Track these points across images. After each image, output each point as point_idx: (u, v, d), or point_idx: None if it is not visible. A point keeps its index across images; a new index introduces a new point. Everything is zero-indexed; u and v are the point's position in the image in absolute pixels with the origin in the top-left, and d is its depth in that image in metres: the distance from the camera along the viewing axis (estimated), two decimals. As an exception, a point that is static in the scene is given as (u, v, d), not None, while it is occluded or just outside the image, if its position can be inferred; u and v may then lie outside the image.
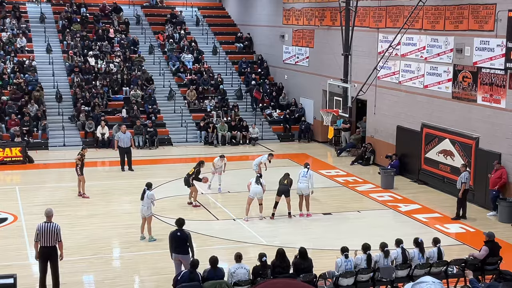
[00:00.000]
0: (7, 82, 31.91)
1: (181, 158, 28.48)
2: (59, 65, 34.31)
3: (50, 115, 30.88)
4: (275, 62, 36.61)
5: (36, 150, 28.16)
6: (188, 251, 13.90)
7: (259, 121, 33.10)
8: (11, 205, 20.40)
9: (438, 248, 13.95)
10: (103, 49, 35.68)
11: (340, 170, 26.41)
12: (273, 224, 19.12)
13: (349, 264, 13.11)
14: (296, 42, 34.14)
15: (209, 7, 42.59)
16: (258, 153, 29.88)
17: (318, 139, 32.30)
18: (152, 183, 17.85)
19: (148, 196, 17.16)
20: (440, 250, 13.94)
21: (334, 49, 29.35)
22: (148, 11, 40.58)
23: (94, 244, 17.05)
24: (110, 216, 19.66)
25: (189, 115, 32.85)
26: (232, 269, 12.54)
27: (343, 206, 21.25)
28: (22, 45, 34.88)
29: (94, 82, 33.02)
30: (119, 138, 25.66)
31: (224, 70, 36.73)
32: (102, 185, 23.45)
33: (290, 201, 19.49)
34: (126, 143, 25.60)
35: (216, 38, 39.41)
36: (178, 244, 13.93)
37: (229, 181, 23.75)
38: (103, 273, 15.19)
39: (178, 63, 36.04)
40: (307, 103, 33.25)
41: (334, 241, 16.74)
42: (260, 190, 19.16)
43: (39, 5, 38.49)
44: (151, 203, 17.24)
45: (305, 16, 33.20)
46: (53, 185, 23.53)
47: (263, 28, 37.82)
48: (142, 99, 32.63)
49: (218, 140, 31.19)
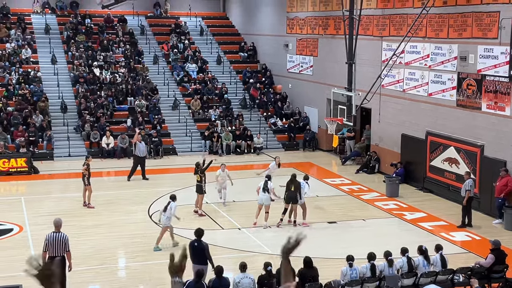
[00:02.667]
0: (13, 93, 32.04)
1: (186, 168, 28.45)
2: (64, 76, 34.43)
3: (55, 126, 30.97)
4: (279, 71, 36.67)
5: (42, 161, 28.23)
6: (206, 261, 13.91)
7: (264, 130, 33.12)
8: (16, 215, 20.43)
9: (441, 254, 13.93)
10: (107, 60, 35.81)
11: (345, 179, 26.40)
12: (278, 233, 19.09)
13: (354, 273, 13.09)
14: (300, 51, 34.20)
15: (213, 17, 42.72)
16: (262, 162, 29.91)
17: (322, 148, 32.30)
18: (176, 195, 17.83)
19: (172, 207, 17.11)
20: (443, 256, 13.92)
21: (338, 58, 29.39)
22: (152, 22, 40.73)
23: (100, 254, 17.06)
24: (115, 226, 19.67)
25: (193, 124, 32.90)
26: (237, 279, 12.53)
27: (348, 215, 21.23)
28: (27, 56, 35.04)
29: (99, 93, 33.13)
30: (137, 147, 25.62)
31: (229, 79, 36.80)
32: (107, 195, 23.48)
33: (296, 209, 19.46)
34: (143, 152, 25.68)
35: (220, 48, 39.51)
36: (196, 254, 13.94)
37: (234, 190, 23.73)
38: (109, 283, 15.20)
39: (182, 72, 36.13)
40: (312, 112, 33.27)
41: (339, 250, 16.71)
42: (267, 197, 19.13)
43: (44, 16, 38.67)
44: (172, 214, 17.18)
45: (308, 25, 33.27)
46: (59, 195, 23.55)
47: (267, 37, 37.91)
48: (146, 109, 32.71)
49: (222, 150, 31.22)
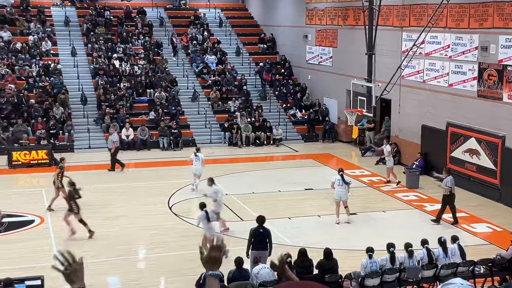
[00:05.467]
0: (33, 86, 32.26)
1: (205, 160, 28.49)
2: (84, 68, 34.60)
3: (75, 118, 31.14)
4: (298, 62, 36.54)
5: (62, 153, 28.38)
6: (267, 247, 14.10)
7: (283, 121, 33.06)
8: (37, 207, 20.59)
9: (458, 244, 13.84)
10: (127, 52, 35.91)
11: (365, 170, 26.28)
12: (298, 225, 19.07)
13: (374, 265, 13.03)
14: (319, 42, 34.04)
15: (232, 8, 42.65)
16: (282, 154, 29.92)
17: (342, 139, 32.17)
18: (205, 203, 16.80)
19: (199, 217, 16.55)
20: (461, 246, 13.83)
21: (357, 49, 29.20)
22: (171, 13, 40.75)
23: (119, 245, 17.14)
24: (135, 218, 19.74)
25: (213, 116, 32.92)
26: (256, 269, 12.54)
27: (368, 206, 21.14)
28: (47, 48, 35.24)
29: (119, 85, 33.25)
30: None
31: (248, 71, 36.75)
32: (127, 187, 23.59)
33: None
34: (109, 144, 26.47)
35: (239, 39, 39.44)
36: (259, 240, 14.21)
37: (253, 181, 23.77)
38: (128, 274, 15.27)
39: (201, 64, 36.14)
40: (331, 103, 33.13)
41: (359, 241, 16.65)
42: (344, 192, 18.85)
43: (64, 8, 38.84)
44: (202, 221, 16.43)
45: (328, 16, 33.09)
46: (79, 187, 23.64)
47: (286, 28, 37.78)
48: (166, 100, 32.78)
49: (242, 141, 31.21)
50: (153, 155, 28.93)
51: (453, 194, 19.12)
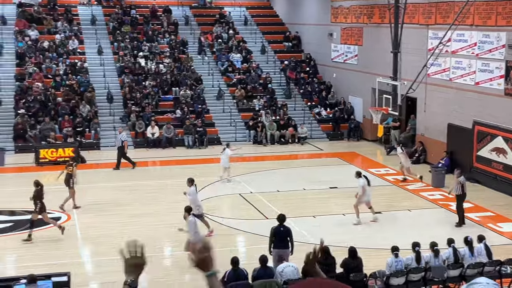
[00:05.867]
0: (60, 84, 32.60)
1: (231, 158, 28.55)
2: (110, 66, 34.87)
3: (102, 116, 31.41)
4: (323, 61, 36.44)
5: (88, 150, 28.67)
6: (288, 245, 14.17)
7: (308, 120, 33.01)
8: (66, 204, 20.75)
9: (485, 244, 13.72)
10: (152, 50, 36.11)
11: (390, 169, 26.13)
12: (322, 223, 19.04)
13: (399, 264, 12.98)
14: (345, 40, 33.93)
15: (257, 7, 42.65)
16: (306, 152, 29.90)
17: (367, 138, 32.03)
18: (191, 207, 16.62)
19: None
20: (487, 246, 13.71)
21: (383, 47, 29.05)
22: (196, 12, 40.88)
23: (145, 243, 17.23)
24: (160, 215, 19.86)
25: (238, 114, 32.98)
26: (281, 268, 12.56)
27: (393, 205, 21.04)
28: (74, 47, 35.57)
29: (144, 83, 33.45)
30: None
31: (273, 69, 36.75)
32: (153, 185, 23.74)
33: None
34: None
35: (265, 38, 39.45)
36: (280, 238, 14.26)
37: (278, 180, 23.79)
38: (154, 272, 15.37)
39: (226, 62, 36.22)
40: (356, 102, 33.00)
41: (384, 240, 16.58)
42: (371, 193, 18.94)
43: (90, 7, 39.18)
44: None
45: (353, 13, 32.96)
46: (105, 184, 23.91)
47: (311, 26, 37.70)
48: (191, 99, 32.92)
49: (267, 139, 31.22)
50: (178, 153, 29.07)
51: (464, 193, 18.90)
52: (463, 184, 18.78)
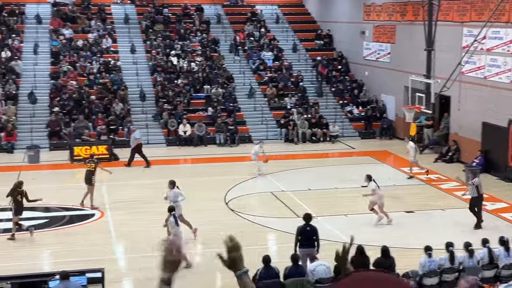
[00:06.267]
0: (94, 82, 32.95)
1: (261, 156, 28.56)
2: (143, 65, 35.14)
3: (134, 114, 31.66)
4: (355, 59, 36.24)
5: (121, 148, 28.89)
6: (314, 245, 14.16)
7: (340, 118, 32.87)
8: (98, 201, 20.98)
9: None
10: (184, 48, 36.29)
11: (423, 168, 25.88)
12: (354, 222, 18.93)
13: (433, 264, 12.85)
14: (377, 38, 33.69)
15: (289, 5, 42.57)
16: (338, 151, 29.78)
17: (400, 136, 31.76)
18: (173, 207, 16.42)
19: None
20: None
21: (416, 45, 28.79)
22: (228, 10, 40.96)
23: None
24: (191, 213, 19.89)
25: (269, 112, 32.98)
26: (312, 266, 12.53)
27: (426, 204, 20.84)
28: (107, 45, 35.92)
29: (176, 81, 33.64)
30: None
31: (304, 67, 36.66)
32: (184, 182, 23.82)
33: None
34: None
35: (296, 36, 39.36)
36: (306, 238, 14.23)
37: (310, 178, 23.73)
38: (185, 269, 15.43)
39: (258, 61, 36.23)
40: (389, 100, 32.76)
41: (417, 239, 16.43)
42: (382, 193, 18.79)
43: (124, 6, 39.52)
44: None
45: (386, 11, 32.72)
46: (137, 182, 24.07)
47: (343, 24, 37.52)
48: (223, 97, 33.01)
49: (298, 138, 31.17)
50: (210, 151, 29.18)
51: (481, 195, 18.50)
52: (478, 185, 18.33)
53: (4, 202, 20.75)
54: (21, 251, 16.63)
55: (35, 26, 36.73)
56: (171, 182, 17.73)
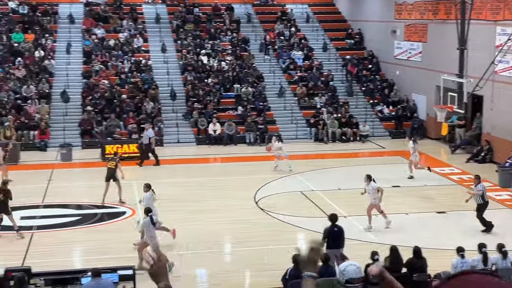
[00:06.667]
0: (125, 81, 33.23)
1: (291, 155, 28.52)
2: (173, 64, 35.33)
3: (165, 113, 31.85)
4: (386, 58, 36.00)
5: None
6: (341, 245, 14.15)
7: (370, 117, 32.68)
8: (128, 199, 21.14)
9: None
10: (215, 48, 36.40)
11: (455, 168, 25.64)
12: (384, 222, 18.79)
13: (465, 265, 12.71)
14: (408, 37, 33.43)
15: (320, 4, 42.43)
16: (368, 150, 29.64)
17: (431, 136, 31.47)
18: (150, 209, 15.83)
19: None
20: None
21: (448, 44, 28.50)
22: (259, 9, 40.98)
23: (207, 239, 17.40)
24: (221, 212, 19.99)
25: (299, 111, 32.92)
26: (343, 266, 12.47)
27: (458, 205, 20.59)
28: (138, 45, 36.19)
29: (207, 80, 33.76)
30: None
31: (335, 66, 36.52)
32: (214, 181, 23.94)
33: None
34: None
35: (327, 35, 39.24)
36: (334, 238, 14.19)
37: (339, 178, 23.64)
38: (214, 267, 15.49)
39: (288, 60, 36.20)
40: (420, 99, 32.49)
41: (449, 240, 16.27)
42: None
43: (155, 6, 39.79)
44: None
45: (417, 10, 32.44)
46: (167, 180, 24.20)
47: (374, 23, 37.30)
48: (253, 96, 33.04)
49: (328, 137, 31.06)
50: (240, 150, 29.23)
51: (486, 202, 17.97)
52: (483, 192, 17.87)
53: (38, 198, 21.10)
54: (53, 248, 16.84)
55: (68, 26, 37.17)
56: (147, 185, 17.18)
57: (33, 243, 17.17)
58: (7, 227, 18.23)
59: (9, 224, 18.56)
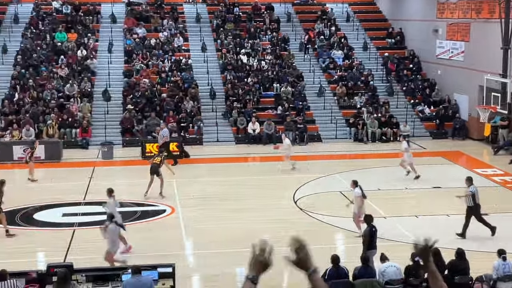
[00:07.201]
0: (165, 80, 33.50)
1: (331, 155, 28.44)
2: (213, 63, 35.48)
3: (205, 112, 32.01)
4: (427, 57, 35.58)
5: (192, 145, 29.27)
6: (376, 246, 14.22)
7: (411, 118, 32.35)
8: (168, 197, 21.34)
9: None
10: (254, 47, 36.45)
11: (498, 169, 25.20)
12: (426, 224, 18.60)
13: (507, 268, 12.50)
14: (451, 36, 32.98)
15: (360, 3, 42.14)
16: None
17: (473, 137, 31.01)
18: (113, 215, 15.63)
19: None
20: None
21: (492, 43, 28.04)
22: (299, 9, 40.90)
23: (246, 237, 17.40)
24: (260, 211, 20.01)
25: (338, 111, 32.76)
26: (383, 268, 12.39)
27: (501, 207, 20.26)
28: (179, 44, 36.45)
29: (246, 79, 33.83)
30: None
31: (375, 66, 36.24)
32: (254, 180, 23.98)
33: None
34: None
35: (367, 34, 38.96)
36: (373, 239, 14.21)
37: (379, 178, 23.46)
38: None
39: (328, 59, 36.05)
40: (462, 99, 32.03)
41: (490, 242, 16.01)
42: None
43: (195, 5, 40.02)
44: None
45: (460, 9, 31.99)
46: (207, 179, 24.37)
47: (415, 22, 36.89)
48: (292, 95, 33.00)
49: (368, 137, 30.84)
50: (279, 150, 29.15)
51: (478, 204, 17.39)
52: (475, 193, 17.28)
53: (80, 196, 21.41)
54: (95, 244, 17.05)
55: (109, 25, 37.66)
56: (109, 190, 16.81)
57: (74, 239, 17.42)
58: (48, 223, 18.57)
59: (51, 221, 18.91)
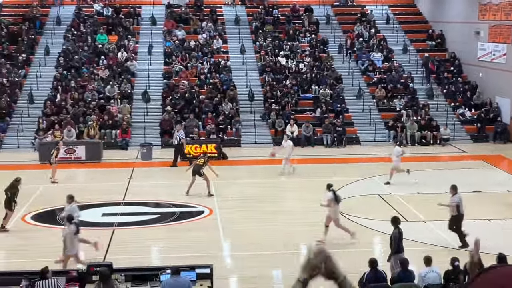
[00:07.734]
0: (204, 82, 33.70)
1: (369, 157, 28.25)
2: (252, 65, 35.56)
3: (243, 114, 32.09)
4: (468, 60, 35.09)
5: (230, 147, 29.36)
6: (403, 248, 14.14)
7: (451, 121, 31.95)
8: (207, 199, 21.43)
9: None
10: (293, 49, 36.42)
11: (540, 174, 24.75)
12: (466, 228, 18.32)
13: None
14: (493, 38, 32.49)
15: (400, 5, 41.79)
16: (449, 154, 28.98)
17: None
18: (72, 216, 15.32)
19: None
20: None
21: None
22: (338, 11, 40.74)
23: (281, 239, 17.41)
24: (297, 213, 20.00)
25: (377, 114, 32.52)
26: (423, 273, 12.26)
27: (543, 213, 19.87)
28: (218, 46, 36.63)
29: (285, 81, 33.81)
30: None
31: (415, 68, 35.89)
32: (291, 182, 23.96)
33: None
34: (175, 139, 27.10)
35: (407, 36, 38.60)
36: (401, 241, 14.10)
37: (418, 182, 23.23)
38: (289, 268, 15.47)
39: (367, 62, 35.83)
40: (504, 102, 31.53)
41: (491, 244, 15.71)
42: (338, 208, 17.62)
43: (234, 7, 40.17)
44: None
45: (503, 10, 31.50)
46: (245, 181, 24.40)
47: (456, 24, 36.43)
48: (330, 98, 32.87)
49: (407, 140, 30.55)
50: (317, 152, 29.15)
51: (462, 214, 16.90)
52: (459, 203, 16.82)
53: (119, 196, 21.68)
54: (134, 245, 17.25)
55: (149, 28, 38.03)
56: (69, 196, 16.51)
57: (114, 239, 17.63)
58: (87, 223, 18.80)
59: (91, 220, 19.16)
